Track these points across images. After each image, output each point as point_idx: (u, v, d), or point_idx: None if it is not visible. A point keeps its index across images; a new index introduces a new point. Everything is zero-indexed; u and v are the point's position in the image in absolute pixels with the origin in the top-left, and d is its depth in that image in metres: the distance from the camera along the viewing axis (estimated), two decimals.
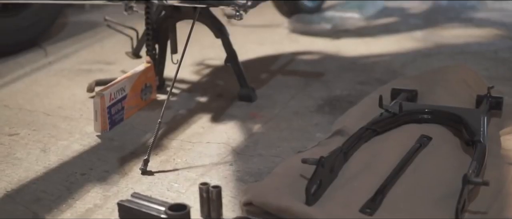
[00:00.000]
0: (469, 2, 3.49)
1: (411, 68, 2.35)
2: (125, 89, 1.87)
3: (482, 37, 2.78)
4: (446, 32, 2.88)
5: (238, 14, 1.93)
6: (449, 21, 3.09)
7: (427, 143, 1.54)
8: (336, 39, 2.77)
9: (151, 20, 2.05)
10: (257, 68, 2.36)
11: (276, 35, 2.85)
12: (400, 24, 3.02)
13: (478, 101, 1.79)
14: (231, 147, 1.67)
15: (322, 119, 1.87)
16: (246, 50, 2.56)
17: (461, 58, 2.46)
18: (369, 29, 2.95)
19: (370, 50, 2.60)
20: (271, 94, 2.09)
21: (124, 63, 2.39)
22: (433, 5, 3.44)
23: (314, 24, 2.90)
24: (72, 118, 1.90)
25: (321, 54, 2.56)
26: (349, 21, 3.01)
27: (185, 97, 2.07)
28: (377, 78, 2.23)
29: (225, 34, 2.05)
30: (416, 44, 2.68)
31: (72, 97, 2.08)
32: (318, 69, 2.35)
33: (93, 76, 2.25)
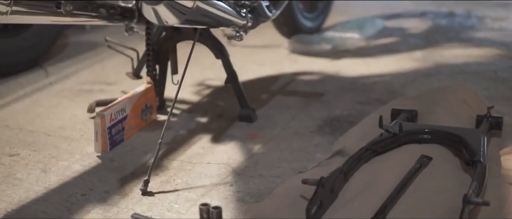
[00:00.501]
0: (468, 22, 3.50)
1: (411, 88, 2.36)
2: (126, 109, 1.87)
3: (481, 57, 2.79)
4: (446, 52, 2.89)
5: (238, 35, 1.94)
6: (449, 41, 3.10)
7: (427, 163, 1.54)
8: (336, 59, 2.78)
9: (151, 41, 2.05)
10: (257, 89, 2.36)
11: (276, 55, 2.85)
12: (400, 44, 3.03)
13: (478, 121, 1.79)
14: (231, 167, 1.67)
15: (322, 139, 1.87)
16: (246, 70, 2.56)
17: (461, 78, 2.47)
18: (369, 49, 2.96)
19: (370, 70, 2.60)
20: (271, 114, 2.09)
21: (125, 83, 2.39)
22: (432, 25, 3.45)
23: (314, 45, 2.91)
24: (72, 138, 1.90)
25: (321, 74, 2.56)
26: (349, 41, 3.02)
27: (186, 117, 2.08)
28: (377, 98, 2.24)
29: (225, 55, 2.05)
30: (416, 64, 2.69)
31: (72, 118, 2.09)
32: (318, 89, 2.35)
33: (94, 97, 2.25)
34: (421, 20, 3.57)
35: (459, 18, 3.60)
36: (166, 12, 1.53)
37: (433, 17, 3.62)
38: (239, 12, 1.87)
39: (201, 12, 1.61)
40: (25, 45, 2.55)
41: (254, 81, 2.48)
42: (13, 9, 1.46)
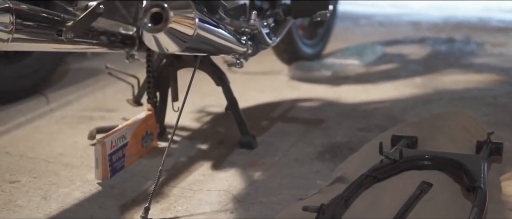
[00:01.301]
0: (468, 47, 3.51)
1: (411, 114, 2.36)
2: (126, 136, 1.87)
3: (481, 83, 2.80)
4: (445, 78, 2.90)
5: (239, 62, 1.95)
6: (449, 67, 3.11)
7: (427, 190, 1.54)
8: (336, 86, 2.78)
9: (152, 68, 2.06)
10: (257, 116, 2.37)
11: (276, 82, 2.86)
12: (400, 70, 3.04)
13: (478, 147, 1.79)
14: (232, 194, 1.67)
15: (322, 166, 1.87)
16: (246, 97, 2.57)
17: (461, 104, 2.48)
18: (369, 76, 2.96)
19: (370, 97, 2.61)
20: (271, 141, 2.09)
21: (125, 110, 2.40)
22: (432, 51, 3.46)
23: (314, 71, 2.92)
24: (73, 165, 1.91)
25: (322, 101, 2.57)
26: (349, 68, 3.03)
27: (186, 144, 2.08)
28: (377, 125, 2.24)
29: (225, 82, 2.06)
30: (416, 90, 2.70)
31: (73, 145, 2.09)
32: (318, 116, 2.36)
33: (95, 124, 2.25)
34: (420, 46, 3.58)
35: (459, 44, 3.62)
36: (167, 40, 1.54)
37: (432, 43, 3.64)
38: (239, 40, 1.88)
39: (201, 40, 1.62)
40: (26, 72, 2.55)
41: (255, 108, 2.49)
42: (14, 37, 1.47)
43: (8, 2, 1.47)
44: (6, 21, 1.45)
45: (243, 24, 1.91)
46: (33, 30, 1.53)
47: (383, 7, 4.96)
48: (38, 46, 1.61)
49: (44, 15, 1.58)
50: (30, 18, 1.52)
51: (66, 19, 1.62)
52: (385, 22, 4.33)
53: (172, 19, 1.52)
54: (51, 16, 1.59)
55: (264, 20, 2.08)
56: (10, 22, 1.45)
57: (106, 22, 1.83)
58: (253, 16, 1.92)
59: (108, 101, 2.59)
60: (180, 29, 1.54)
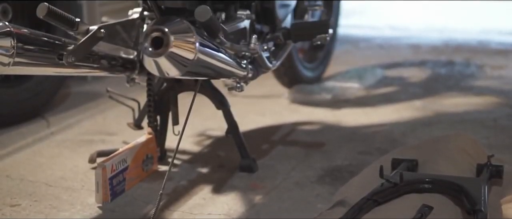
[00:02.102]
0: (468, 70, 3.52)
1: (412, 137, 2.36)
2: (127, 160, 1.87)
3: (481, 105, 2.80)
4: (446, 101, 2.90)
5: (239, 86, 1.95)
6: (449, 90, 3.11)
7: (428, 213, 1.53)
8: (336, 109, 2.79)
9: (152, 92, 2.07)
10: (258, 139, 2.37)
11: (276, 105, 2.87)
12: (400, 93, 3.04)
13: (478, 170, 1.79)
14: (232, 218, 1.67)
15: (323, 189, 1.87)
16: (247, 121, 2.57)
17: (461, 127, 2.48)
18: (369, 99, 2.97)
19: (371, 120, 2.61)
20: (272, 164, 2.10)
21: (126, 134, 2.40)
22: (432, 74, 3.47)
23: (314, 94, 2.92)
24: (73, 189, 1.91)
25: (322, 124, 2.57)
26: (349, 91, 3.04)
27: (186, 168, 2.08)
28: (377, 148, 2.24)
29: (226, 106, 2.07)
30: (416, 113, 2.70)
31: (74, 168, 2.09)
32: (318, 139, 2.36)
33: (95, 147, 2.25)
34: (420, 69, 3.59)
35: (459, 67, 3.62)
36: (167, 64, 1.54)
37: (432, 66, 3.64)
38: (239, 63, 1.89)
39: (202, 64, 1.62)
40: (27, 95, 2.56)
41: (255, 131, 2.49)
42: (15, 61, 1.48)
43: (10, 26, 1.48)
44: (7, 45, 1.46)
45: (243, 48, 1.92)
46: (34, 54, 1.54)
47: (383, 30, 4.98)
48: (39, 70, 1.62)
49: (45, 39, 1.59)
50: (31, 42, 1.53)
51: (67, 43, 1.63)
52: (385, 45, 4.34)
53: (173, 44, 1.53)
54: (52, 40, 1.60)
55: (264, 44, 2.09)
56: (11, 46, 1.46)
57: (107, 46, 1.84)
58: (253, 40, 1.93)
59: (109, 124, 2.59)
60: (181, 54, 1.54)
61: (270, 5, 2.14)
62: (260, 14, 2.14)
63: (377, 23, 5.28)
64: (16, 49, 1.47)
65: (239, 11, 2.03)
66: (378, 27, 5.10)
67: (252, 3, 2.09)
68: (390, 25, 5.17)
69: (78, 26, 1.71)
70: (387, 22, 5.28)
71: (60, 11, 1.66)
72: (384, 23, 5.24)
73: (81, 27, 1.72)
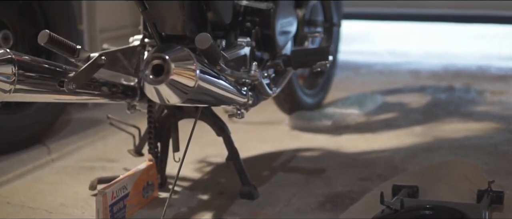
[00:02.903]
0: (468, 96, 3.52)
1: (412, 163, 2.36)
2: (127, 187, 1.87)
3: (481, 131, 2.80)
4: (446, 127, 2.91)
5: (240, 113, 1.96)
6: (449, 116, 3.11)
7: None
8: (337, 135, 2.79)
9: (153, 118, 2.07)
10: (258, 166, 2.37)
11: (277, 132, 2.87)
12: (400, 119, 3.05)
13: (479, 196, 1.79)
14: None
15: (323, 216, 1.87)
16: (247, 147, 2.57)
17: (461, 153, 2.48)
18: (369, 125, 2.97)
19: (371, 146, 2.61)
20: (273, 191, 2.09)
21: (127, 161, 2.40)
22: (432, 99, 3.48)
23: (315, 121, 2.92)
24: (74, 216, 1.90)
25: (322, 150, 2.57)
26: (350, 117, 3.04)
27: (187, 195, 2.08)
28: (378, 174, 2.24)
29: (226, 132, 2.07)
30: (416, 139, 2.70)
31: (74, 195, 2.09)
32: (319, 166, 2.36)
33: (96, 174, 2.25)
34: (420, 95, 3.59)
35: (459, 92, 3.63)
36: (168, 92, 1.55)
37: (432, 92, 3.65)
38: (240, 90, 1.90)
39: (202, 91, 1.63)
40: (28, 122, 2.56)
41: (256, 158, 2.49)
42: (16, 88, 1.49)
43: (11, 53, 1.49)
44: (8, 72, 1.47)
45: (243, 75, 1.93)
46: (35, 81, 1.55)
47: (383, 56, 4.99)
48: (40, 97, 1.63)
49: (46, 66, 1.59)
50: (32, 69, 1.54)
51: (68, 70, 1.64)
52: (385, 71, 4.35)
53: (173, 71, 1.54)
54: (53, 67, 1.61)
55: (264, 71, 2.10)
56: (12, 73, 1.47)
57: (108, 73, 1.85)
58: (254, 67, 1.94)
59: (109, 151, 2.60)
60: (181, 81, 1.55)
61: (270, 32, 2.15)
62: (261, 41, 2.15)
63: (377, 49, 5.30)
64: (17, 76, 1.48)
65: (240, 38, 2.04)
66: (378, 53, 5.11)
67: (252, 30, 2.10)
68: (390, 51, 5.18)
69: (79, 53, 1.72)
70: (387, 48, 5.30)
71: (61, 38, 1.67)
72: (384, 49, 5.26)
73: (82, 54, 1.73)
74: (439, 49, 5.22)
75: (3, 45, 2.46)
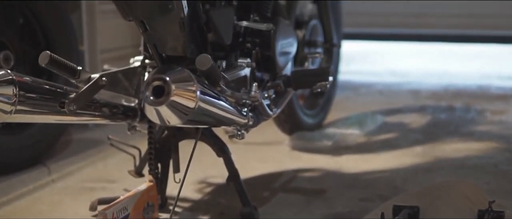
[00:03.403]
0: (468, 115, 3.53)
1: (413, 183, 2.36)
2: (128, 208, 1.87)
3: (482, 151, 2.80)
4: (446, 146, 2.91)
5: (240, 134, 1.96)
6: (449, 135, 3.11)
7: None
8: (337, 155, 2.79)
9: (153, 139, 2.07)
10: (259, 186, 2.37)
11: (277, 152, 2.87)
12: (400, 139, 3.05)
13: (479, 216, 1.78)
14: None
15: None
16: (248, 168, 2.57)
17: (462, 173, 2.48)
18: (369, 145, 2.97)
19: (371, 166, 2.61)
20: (273, 212, 2.09)
21: (127, 181, 2.40)
22: (432, 119, 3.48)
23: (315, 141, 2.93)
24: None
25: (323, 171, 2.57)
26: (350, 138, 3.04)
27: (187, 216, 2.07)
28: (378, 195, 2.24)
29: (227, 153, 2.07)
30: (416, 159, 2.70)
31: (75, 216, 2.09)
32: (320, 186, 2.36)
33: (96, 195, 2.25)
34: (420, 115, 3.60)
35: (459, 112, 3.63)
36: (168, 113, 1.55)
37: (432, 112, 3.65)
38: (240, 111, 1.90)
39: (203, 112, 1.63)
40: (28, 142, 2.56)
41: (256, 178, 2.49)
42: (17, 108, 1.49)
43: (12, 74, 1.49)
44: (9, 93, 1.47)
45: (244, 96, 1.93)
46: (35, 102, 1.55)
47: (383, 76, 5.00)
48: (40, 118, 1.63)
49: (47, 87, 1.60)
50: (33, 90, 1.54)
51: (68, 91, 1.64)
52: (385, 91, 4.36)
53: (174, 92, 1.54)
54: (54, 88, 1.62)
55: (264, 92, 2.11)
56: (14, 94, 1.47)
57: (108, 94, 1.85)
58: (254, 88, 1.95)
59: (110, 172, 2.59)
60: (182, 102, 1.55)
61: (271, 53, 2.16)
62: (261, 62, 2.15)
63: (377, 69, 5.30)
64: (18, 97, 1.48)
65: (240, 59, 2.05)
66: (378, 73, 5.12)
67: (253, 51, 2.11)
68: (390, 71, 5.19)
69: (80, 74, 1.72)
70: (387, 68, 5.31)
71: (62, 60, 1.68)
72: (384, 69, 5.26)
73: (83, 75, 1.73)
74: (439, 69, 5.22)
75: (4, 66, 2.47)
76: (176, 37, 1.76)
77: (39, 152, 2.65)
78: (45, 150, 2.69)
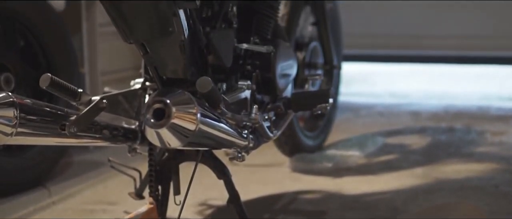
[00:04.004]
0: (468, 137, 3.53)
1: (413, 205, 2.36)
2: None
3: (482, 172, 2.80)
4: (446, 168, 2.90)
5: (240, 156, 1.96)
6: (450, 157, 3.11)
7: None
8: (338, 177, 2.79)
9: (154, 161, 2.07)
10: (259, 208, 2.36)
11: (278, 174, 2.87)
12: (401, 161, 3.04)
13: None
14: None
15: None
16: (248, 190, 2.57)
17: (463, 194, 2.47)
18: (370, 167, 2.97)
19: (372, 188, 2.61)
20: None
21: (127, 203, 2.40)
22: (432, 141, 3.48)
23: (316, 163, 2.93)
24: None
25: (323, 192, 2.57)
26: (351, 159, 3.04)
27: None
28: (379, 217, 2.24)
29: (227, 175, 2.07)
30: (417, 181, 2.70)
31: None
32: (320, 208, 2.35)
33: (97, 217, 2.25)
34: (421, 136, 3.60)
35: (459, 133, 3.63)
36: (169, 135, 1.56)
37: (433, 133, 3.65)
38: (240, 134, 1.90)
39: (203, 135, 1.64)
40: (29, 164, 2.56)
41: (257, 200, 2.49)
42: (18, 131, 1.49)
43: (13, 96, 1.49)
44: (10, 116, 1.47)
45: (244, 118, 1.93)
46: (36, 125, 1.56)
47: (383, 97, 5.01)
48: (41, 140, 1.63)
49: (48, 110, 1.60)
50: (33, 112, 1.55)
51: (69, 114, 1.64)
52: (385, 112, 4.36)
53: (175, 115, 1.55)
54: (54, 111, 1.62)
55: (265, 114, 2.11)
56: (14, 117, 1.47)
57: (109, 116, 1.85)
58: (254, 110, 1.95)
59: (110, 194, 2.59)
60: (182, 125, 1.56)
61: (271, 76, 2.17)
62: (261, 84, 2.16)
63: (377, 91, 5.31)
64: (19, 120, 1.48)
65: (240, 82, 2.05)
66: (378, 95, 5.13)
67: (253, 73, 2.11)
68: (390, 92, 5.20)
69: (80, 96, 1.73)
70: (387, 89, 5.31)
71: (62, 82, 1.68)
72: (384, 90, 5.27)
73: (84, 97, 1.73)
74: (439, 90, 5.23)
75: (5, 88, 2.47)
76: (177, 59, 1.76)
77: (40, 174, 2.65)
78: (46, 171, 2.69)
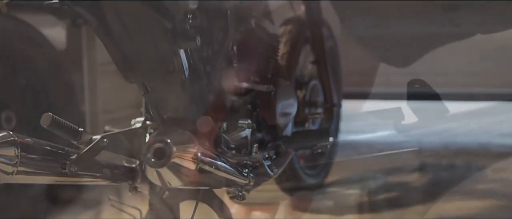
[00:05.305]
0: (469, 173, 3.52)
1: None
2: None
3: (483, 209, 2.79)
4: (448, 205, 2.89)
5: (241, 194, 1.95)
6: (450, 194, 3.10)
7: None
8: (338, 215, 2.77)
9: (154, 200, 2.06)
10: None
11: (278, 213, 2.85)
12: (402, 199, 3.03)
13: None
14: None
15: None
16: None
17: None
18: (371, 205, 2.96)
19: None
20: None
21: None
22: (433, 178, 3.47)
23: (316, 201, 2.91)
24: None
25: None
26: (351, 197, 3.03)
27: None
28: None
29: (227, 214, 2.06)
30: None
31: None
32: None
33: None
34: (421, 174, 3.59)
35: (460, 170, 3.62)
36: (169, 174, 1.56)
37: (433, 170, 3.64)
38: (241, 172, 1.90)
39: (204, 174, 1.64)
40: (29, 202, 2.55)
41: None
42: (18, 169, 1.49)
43: (13, 135, 1.50)
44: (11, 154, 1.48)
45: (244, 157, 1.93)
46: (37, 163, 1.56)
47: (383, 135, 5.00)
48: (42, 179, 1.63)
49: (48, 149, 1.60)
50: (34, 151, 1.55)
51: (70, 153, 1.65)
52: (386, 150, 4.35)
53: (175, 154, 1.55)
54: (55, 150, 1.62)
55: (265, 153, 2.11)
56: (15, 155, 1.48)
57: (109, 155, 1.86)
58: (255, 149, 1.95)
59: None
60: (183, 164, 1.56)
61: (271, 114, 2.17)
62: (261, 123, 2.16)
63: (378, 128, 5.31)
64: (19, 159, 1.49)
65: (241, 121, 2.05)
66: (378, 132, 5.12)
67: (253, 112, 2.12)
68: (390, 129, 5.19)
69: (81, 135, 1.73)
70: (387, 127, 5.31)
71: (63, 121, 1.68)
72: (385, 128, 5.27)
73: (84, 136, 1.74)
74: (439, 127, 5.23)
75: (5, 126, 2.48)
76: (177, 99, 1.77)
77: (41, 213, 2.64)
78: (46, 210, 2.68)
